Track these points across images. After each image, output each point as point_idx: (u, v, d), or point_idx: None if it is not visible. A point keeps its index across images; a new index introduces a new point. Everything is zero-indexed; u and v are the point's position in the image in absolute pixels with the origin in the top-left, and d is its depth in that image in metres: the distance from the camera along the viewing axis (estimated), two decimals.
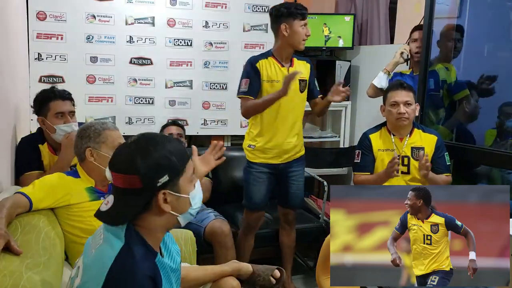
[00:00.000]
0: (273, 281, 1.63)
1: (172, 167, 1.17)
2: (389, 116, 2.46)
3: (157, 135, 1.25)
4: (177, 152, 1.20)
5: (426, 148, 2.46)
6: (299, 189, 2.68)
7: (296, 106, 2.56)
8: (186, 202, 1.22)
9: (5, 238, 1.38)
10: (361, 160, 2.52)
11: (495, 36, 2.94)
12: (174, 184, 1.18)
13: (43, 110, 2.20)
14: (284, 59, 2.52)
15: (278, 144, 2.54)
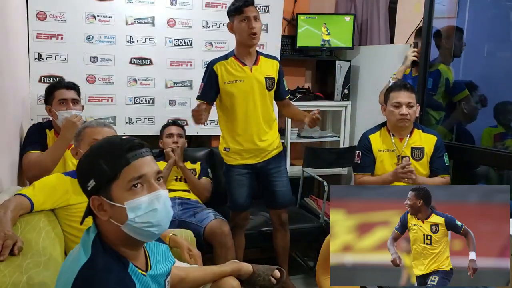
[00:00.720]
0: (273, 281, 1.63)
1: (98, 171, 1.11)
2: (390, 117, 2.44)
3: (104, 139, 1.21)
4: (110, 156, 1.11)
5: (426, 148, 2.46)
6: (285, 186, 2.63)
7: (265, 103, 2.52)
8: (121, 212, 1.11)
9: (13, 239, 1.38)
10: (361, 161, 2.52)
11: (491, 36, 2.95)
12: (106, 191, 1.11)
13: (49, 99, 2.38)
14: (245, 58, 2.47)
15: (252, 144, 2.51)
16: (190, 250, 1.98)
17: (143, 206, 1.12)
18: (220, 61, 2.49)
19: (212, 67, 2.48)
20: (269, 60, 2.56)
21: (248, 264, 1.66)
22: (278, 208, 2.67)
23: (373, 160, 2.50)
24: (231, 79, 2.45)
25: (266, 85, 2.49)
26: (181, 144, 2.94)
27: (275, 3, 3.40)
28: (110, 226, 1.13)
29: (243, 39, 2.41)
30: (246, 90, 2.46)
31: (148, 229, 1.13)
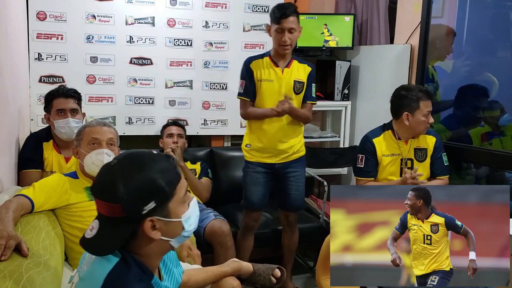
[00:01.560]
0: (273, 281, 1.63)
1: (159, 192, 1.06)
2: (418, 126, 2.37)
3: (143, 154, 1.11)
4: (165, 173, 1.08)
5: (429, 148, 2.45)
6: (299, 190, 2.65)
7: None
8: (178, 226, 1.11)
9: (16, 239, 1.38)
10: (364, 165, 2.47)
11: (491, 36, 2.95)
12: (163, 209, 1.07)
13: (48, 108, 2.32)
14: (279, 60, 2.52)
15: (273, 144, 2.53)
16: (190, 249, 1.98)
17: (192, 215, 1.16)
18: (257, 59, 2.54)
19: (249, 65, 2.54)
20: (302, 65, 2.59)
21: (248, 264, 1.66)
22: (287, 210, 2.70)
23: (376, 164, 2.48)
24: (263, 77, 2.50)
25: (294, 88, 2.53)
26: (181, 144, 2.94)
27: (275, 3, 3.38)
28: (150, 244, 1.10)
29: (275, 46, 2.49)
30: (275, 90, 2.50)
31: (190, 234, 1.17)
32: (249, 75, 2.53)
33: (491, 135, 2.77)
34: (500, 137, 2.74)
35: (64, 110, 2.28)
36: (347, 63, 3.59)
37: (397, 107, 2.41)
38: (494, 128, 2.78)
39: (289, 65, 2.55)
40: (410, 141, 2.45)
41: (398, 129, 2.46)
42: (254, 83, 2.52)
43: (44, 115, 2.35)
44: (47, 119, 2.34)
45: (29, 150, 2.30)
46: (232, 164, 3.28)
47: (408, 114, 2.37)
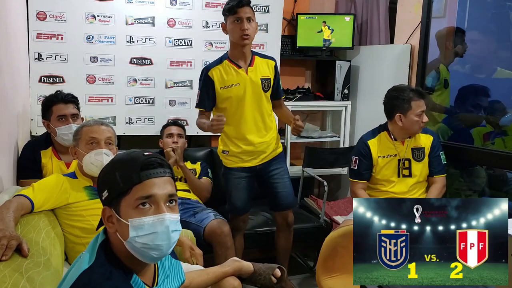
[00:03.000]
0: (274, 280, 1.63)
1: (112, 183, 1.11)
2: (412, 126, 2.37)
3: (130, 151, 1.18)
4: (127, 170, 1.11)
5: (426, 148, 2.46)
6: (287, 186, 2.61)
7: (262, 105, 2.49)
8: (125, 228, 1.10)
9: (17, 240, 1.39)
10: (358, 167, 2.48)
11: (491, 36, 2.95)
12: (116, 203, 1.11)
13: (47, 114, 2.29)
14: (240, 59, 2.43)
15: (250, 146, 2.49)
16: (192, 249, 1.98)
17: (145, 227, 1.10)
18: (215, 66, 2.44)
19: (207, 73, 2.43)
20: (264, 60, 2.52)
21: (248, 263, 1.66)
22: (283, 210, 2.65)
23: (370, 167, 2.48)
24: (227, 84, 2.42)
25: (262, 86, 2.47)
26: (181, 144, 2.94)
27: (275, 3, 3.40)
28: (117, 238, 1.13)
29: (235, 40, 2.38)
30: (242, 92, 2.43)
31: (147, 251, 1.11)
32: (208, 84, 2.42)
33: (493, 135, 2.77)
34: (502, 137, 2.74)
35: (65, 116, 2.26)
36: (347, 63, 3.59)
37: (390, 108, 2.41)
38: (496, 128, 2.78)
39: (252, 63, 2.46)
40: (407, 141, 2.45)
41: (393, 130, 2.46)
42: (213, 92, 2.42)
43: (43, 122, 2.31)
44: (46, 126, 2.30)
45: (27, 159, 2.28)
46: None
47: (400, 115, 2.37)
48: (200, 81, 2.49)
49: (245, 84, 2.43)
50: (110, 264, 1.10)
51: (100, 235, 1.17)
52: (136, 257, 1.13)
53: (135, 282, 1.13)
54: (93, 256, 1.10)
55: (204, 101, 2.46)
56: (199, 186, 2.89)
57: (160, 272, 1.26)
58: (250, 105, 2.45)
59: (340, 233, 2.07)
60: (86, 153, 1.86)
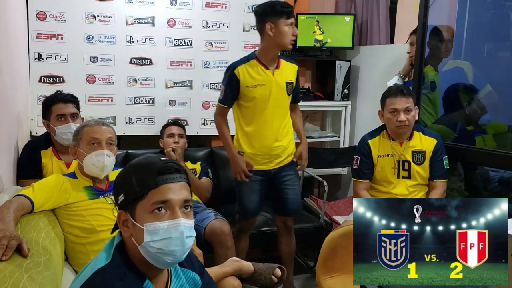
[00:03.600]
0: (274, 280, 1.63)
1: (128, 187, 1.12)
2: (389, 123, 2.41)
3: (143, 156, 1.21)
4: (144, 174, 1.11)
5: (427, 151, 2.43)
6: (296, 194, 2.61)
7: (284, 108, 2.51)
8: (140, 233, 1.10)
9: (18, 240, 1.39)
10: (359, 166, 2.49)
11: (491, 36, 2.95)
12: (132, 208, 1.12)
13: (46, 114, 2.28)
14: (269, 61, 2.44)
15: (268, 149, 2.49)
16: (192, 250, 1.97)
17: (160, 231, 1.10)
18: (242, 64, 2.44)
19: (233, 71, 2.43)
20: (289, 64, 2.53)
21: (248, 263, 1.66)
22: (285, 215, 2.65)
23: (371, 166, 2.48)
24: (253, 83, 2.42)
25: (287, 90, 2.48)
26: (182, 144, 2.94)
27: None
28: (131, 242, 1.13)
29: (281, 42, 2.37)
30: (268, 94, 2.43)
31: (161, 256, 1.11)
32: (233, 82, 2.42)
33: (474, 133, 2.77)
34: (482, 135, 2.74)
35: (64, 115, 2.25)
36: (347, 63, 3.59)
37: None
38: (475, 127, 2.78)
39: (278, 65, 2.47)
40: (405, 143, 2.44)
41: (388, 129, 2.48)
42: (237, 91, 2.44)
43: (43, 122, 2.31)
44: (46, 126, 2.30)
45: (27, 159, 2.28)
46: None
47: (382, 112, 2.44)
48: (225, 78, 2.48)
49: (271, 86, 2.43)
50: (125, 266, 1.11)
51: (116, 237, 1.17)
52: (150, 262, 1.12)
53: (147, 287, 1.13)
54: (110, 256, 1.11)
55: (229, 99, 2.47)
56: (199, 186, 2.89)
57: (173, 280, 1.24)
58: (273, 107, 2.45)
59: (340, 233, 2.07)
60: (87, 153, 1.85)
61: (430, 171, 2.43)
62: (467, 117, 2.82)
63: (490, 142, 2.70)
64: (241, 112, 2.51)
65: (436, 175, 2.43)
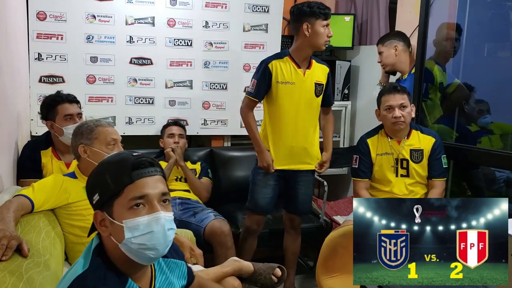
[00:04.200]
0: (274, 280, 1.63)
1: (103, 185, 1.10)
2: (385, 121, 2.43)
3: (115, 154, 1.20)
4: (117, 171, 1.10)
5: (425, 150, 2.44)
6: (307, 195, 2.63)
7: (311, 111, 2.51)
8: (119, 231, 1.08)
9: (18, 240, 1.39)
10: (358, 165, 2.49)
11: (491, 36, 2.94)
12: (108, 206, 1.10)
13: (51, 114, 2.27)
14: (302, 60, 2.46)
15: (289, 148, 2.49)
16: (192, 250, 1.98)
17: (141, 227, 1.08)
18: (275, 59, 2.46)
19: (267, 65, 2.44)
20: (320, 65, 2.54)
21: (248, 263, 1.66)
22: (294, 214, 2.66)
23: (370, 165, 2.48)
24: (284, 79, 2.43)
25: (315, 91, 2.48)
26: (182, 144, 2.94)
27: (275, 3, 3.40)
28: (111, 242, 1.11)
29: (316, 43, 2.40)
30: (297, 93, 2.44)
31: (143, 251, 1.09)
32: (266, 76, 2.44)
33: (479, 134, 2.76)
34: (489, 136, 2.74)
35: (71, 115, 2.27)
36: (347, 63, 3.59)
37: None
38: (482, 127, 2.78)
39: (310, 66, 2.49)
40: (403, 141, 2.44)
41: (385, 128, 2.49)
42: (269, 85, 2.45)
43: (46, 123, 2.30)
44: (50, 126, 2.29)
45: (27, 159, 2.28)
46: (232, 164, 3.28)
47: (378, 111, 2.46)
48: (257, 71, 2.48)
49: (300, 85, 2.45)
50: (104, 268, 1.09)
51: (94, 240, 1.15)
52: (132, 260, 1.11)
53: (130, 287, 1.11)
54: (88, 261, 1.09)
55: (260, 92, 2.47)
56: (199, 186, 2.89)
57: (157, 275, 1.23)
58: (301, 107, 2.46)
59: (340, 233, 2.07)
60: (107, 153, 1.83)
61: (429, 170, 2.43)
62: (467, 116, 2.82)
63: (497, 142, 2.70)
64: (270, 108, 2.51)
65: (435, 174, 2.43)
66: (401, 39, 2.86)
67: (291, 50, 2.48)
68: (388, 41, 2.86)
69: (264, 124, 2.56)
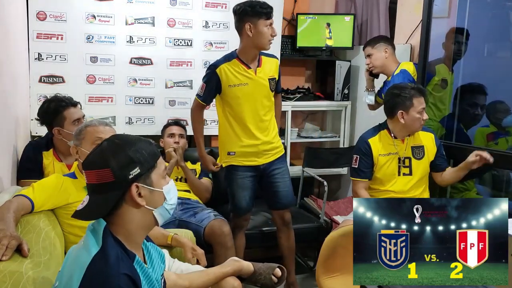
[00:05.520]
0: (274, 280, 1.63)
1: (142, 161, 1.19)
2: (413, 123, 2.38)
3: (129, 135, 1.28)
4: (147, 148, 1.22)
5: (426, 146, 2.46)
6: (287, 186, 2.63)
7: (268, 105, 2.53)
8: (160, 196, 1.23)
9: (18, 240, 1.39)
10: (358, 165, 2.48)
11: (491, 36, 2.94)
12: (146, 178, 1.20)
13: (58, 121, 2.26)
14: (250, 60, 2.46)
15: (254, 145, 2.51)
16: (194, 250, 1.98)
17: (171, 190, 1.26)
18: (224, 63, 2.45)
19: (215, 70, 2.44)
20: (270, 59, 2.55)
21: (248, 263, 1.66)
22: (280, 209, 2.65)
23: (371, 165, 2.48)
24: (236, 82, 2.44)
25: (270, 87, 2.50)
26: (182, 144, 2.94)
27: (275, 3, 3.36)
28: (136, 214, 1.20)
29: (260, 43, 2.40)
30: (251, 93, 2.45)
31: (170, 211, 1.26)
32: (213, 81, 2.45)
33: (497, 135, 2.76)
34: (506, 137, 2.73)
35: (79, 119, 2.28)
36: (347, 63, 3.59)
37: (391, 106, 2.42)
38: (499, 128, 2.77)
39: (260, 63, 2.49)
40: (406, 140, 2.46)
41: (393, 128, 2.46)
42: (218, 89, 2.46)
43: (54, 130, 2.27)
44: (57, 132, 2.26)
45: (29, 159, 2.27)
46: None
47: (402, 113, 2.38)
48: (206, 75, 2.50)
49: (254, 84, 2.46)
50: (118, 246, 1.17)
51: (97, 222, 1.20)
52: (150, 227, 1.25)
53: (137, 262, 1.20)
54: (99, 240, 1.15)
55: (207, 96, 2.52)
56: (200, 187, 2.89)
57: (146, 255, 1.31)
58: (257, 104, 2.47)
59: (340, 233, 2.07)
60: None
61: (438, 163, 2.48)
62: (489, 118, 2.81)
63: None
64: (226, 110, 2.52)
65: (443, 166, 2.49)
66: (389, 43, 2.90)
67: (237, 51, 2.48)
68: (378, 43, 2.88)
69: (225, 126, 2.55)
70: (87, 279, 1.08)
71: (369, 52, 2.89)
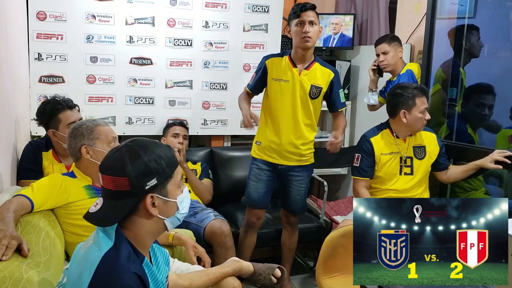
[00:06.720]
0: (274, 280, 1.63)
1: (160, 172, 1.19)
2: (416, 123, 2.39)
3: (148, 140, 1.25)
4: (166, 157, 1.21)
5: (428, 145, 2.47)
6: (299, 195, 2.63)
7: (305, 111, 2.50)
8: (173, 206, 1.23)
9: (18, 240, 1.39)
10: (360, 164, 2.48)
11: (496, 36, 2.93)
12: (162, 188, 1.20)
13: (53, 123, 2.26)
14: (299, 60, 2.48)
15: (277, 143, 2.52)
16: (195, 247, 1.98)
17: (185, 199, 1.27)
18: (275, 57, 2.54)
19: (265, 61, 2.54)
20: (323, 68, 2.52)
21: (248, 263, 1.67)
22: (287, 211, 2.70)
23: (373, 164, 2.48)
24: (278, 76, 2.49)
25: (310, 93, 2.48)
26: (185, 145, 2.95)
27: (275, 3, 3.40)
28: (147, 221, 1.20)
29: (296, 42, 2.45)
30: (289, 91, 2.47)
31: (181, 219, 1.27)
32: (262, 71, 2.54)
33: None
34: None
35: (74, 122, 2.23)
36: (347, 63, 3.59)
37: (394, 105, 2.42)
38: None
39: (309, 67, 2.49)
40: (408, 139, 2.46)
41: (396, 128, 2.46)
42: (264, 80, 2.53)
43: (49, 132, 2.27)
44: (52, 134, 2.26)
45: (28, 159, 2.27)
46: (232, 164, 3.28)
47: (405, 112, 2.39)
48: (258, 66, 2.59)
49: (294, 84, 2.47)
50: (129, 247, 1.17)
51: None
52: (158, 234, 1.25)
53: (146, 264, 1.21)
54: (112, 238, 1.15)
55: (254, 85, 2.60)
56: (201, 188, 2.89)
57: (152, 256, 1.33)
58: (293, 105, 2.48)
59: (340, 233, 2.07)
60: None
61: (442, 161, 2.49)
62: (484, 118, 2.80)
63: None
64: (266, 102, 2.58)
65: (446, 164, 2.51)
66: (400, 43, 2.89)
67: (291, 50, 2.54)
68: (394, 42, 2.87)
69: (262, 117, 2.61)
70: (98, 275, 1.09)
71: (386, 50, 2.86)
